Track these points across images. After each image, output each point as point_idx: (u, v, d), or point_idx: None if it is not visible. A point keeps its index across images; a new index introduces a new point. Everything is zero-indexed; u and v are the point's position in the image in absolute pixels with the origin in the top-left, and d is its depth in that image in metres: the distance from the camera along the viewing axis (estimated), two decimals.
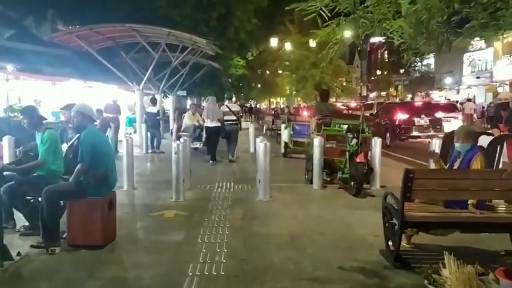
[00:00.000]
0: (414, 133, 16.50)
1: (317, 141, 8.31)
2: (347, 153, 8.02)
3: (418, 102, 23.13)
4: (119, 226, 5.70)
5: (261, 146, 7.44)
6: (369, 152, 8.36)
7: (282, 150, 14.50)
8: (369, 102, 29.76)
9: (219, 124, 12.06)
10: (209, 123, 12.18)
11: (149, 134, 15.25)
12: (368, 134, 8.45)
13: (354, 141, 7.88)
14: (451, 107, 19.30)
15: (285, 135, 14.31)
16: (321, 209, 6.87)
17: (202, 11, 24.35)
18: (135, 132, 17.84)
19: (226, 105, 12.86)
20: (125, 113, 20.09)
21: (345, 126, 8.64)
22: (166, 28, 16.28)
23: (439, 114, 17.05)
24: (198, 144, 13.92)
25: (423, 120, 16.51)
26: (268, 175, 7.43)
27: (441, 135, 18.88)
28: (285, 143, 14.26)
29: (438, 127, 16.37)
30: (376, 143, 8.35)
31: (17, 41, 21.21)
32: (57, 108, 15.36)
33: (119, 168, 9.00)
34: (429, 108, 18.20)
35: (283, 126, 15.14)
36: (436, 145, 7.30)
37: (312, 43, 24.52)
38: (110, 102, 15.07)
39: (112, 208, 5.06)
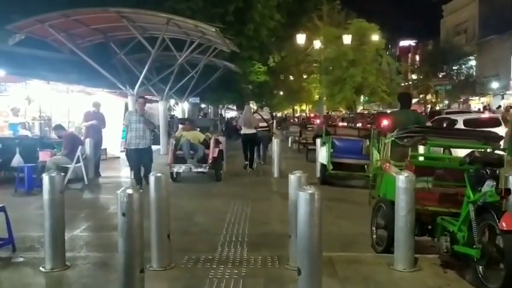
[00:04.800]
0: None
1: (403, 179, 4.41)
2: (470, 205, 4.07)
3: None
4: None
5: (302, 199, 3.53)
6: None
7: (318, 174, 10.61)
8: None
9: (255, 131, 12.31)
10: (246, 131, 12.31)
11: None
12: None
13: (490, 184, 3.92)
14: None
15: (322, 154, 10.37)
16: None
17: (216, 4, 20.74)
18: None
19: (258, 113, 13.86)
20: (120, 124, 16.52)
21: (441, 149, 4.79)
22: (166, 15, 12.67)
23: None
24: (202, 168, 10.12)
25: None
26: (318, 261, 3.55)
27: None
28: (323, 165, 10.34)
29: None
30: None
31: None
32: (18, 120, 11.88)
33: (33, 228, 5.45)
34: None
35: (318, 141, 11.25)
36: None
37: (347, 39, 20.54)
38: (90, 109, 11.40)
39: None
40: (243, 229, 6.10)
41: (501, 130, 12.87)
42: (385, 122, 6.73)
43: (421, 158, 5.37)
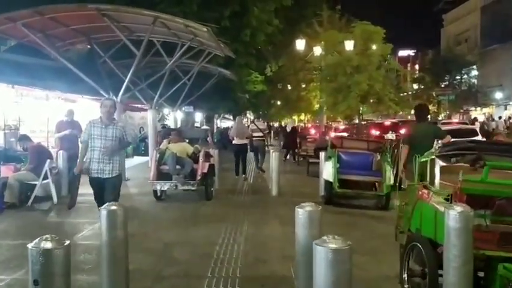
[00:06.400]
0: None
1: (457, 216, 3.14)
2: None
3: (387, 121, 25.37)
4: None
5: (322, 257, 2.26)
6: None
7: (322, 193, 9.31)
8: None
9: (246, 141, 12.62)
10: (237, 141, 12.40)
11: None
12: None
13: None
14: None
15: (327, 170, 9.05)
16: None
17: (211, 8, 19.56)
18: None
19: (255, 123, 14.49)
20: None
21: None
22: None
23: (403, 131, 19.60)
24: (190, 185, 8.81)
25: (391, 136, 18.52)
26: None
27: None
28: (327, 182, 9.01)
29: None
30: None
31: None
32: None
33: None
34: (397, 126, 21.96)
35: (322, 155, 9.96)
36: None
37: (350, 45, 19.34)
38: (63, 119, 10.09)
39: None
40: (233, 270, 4.78)
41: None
42: (374, 132, 5.74)
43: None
